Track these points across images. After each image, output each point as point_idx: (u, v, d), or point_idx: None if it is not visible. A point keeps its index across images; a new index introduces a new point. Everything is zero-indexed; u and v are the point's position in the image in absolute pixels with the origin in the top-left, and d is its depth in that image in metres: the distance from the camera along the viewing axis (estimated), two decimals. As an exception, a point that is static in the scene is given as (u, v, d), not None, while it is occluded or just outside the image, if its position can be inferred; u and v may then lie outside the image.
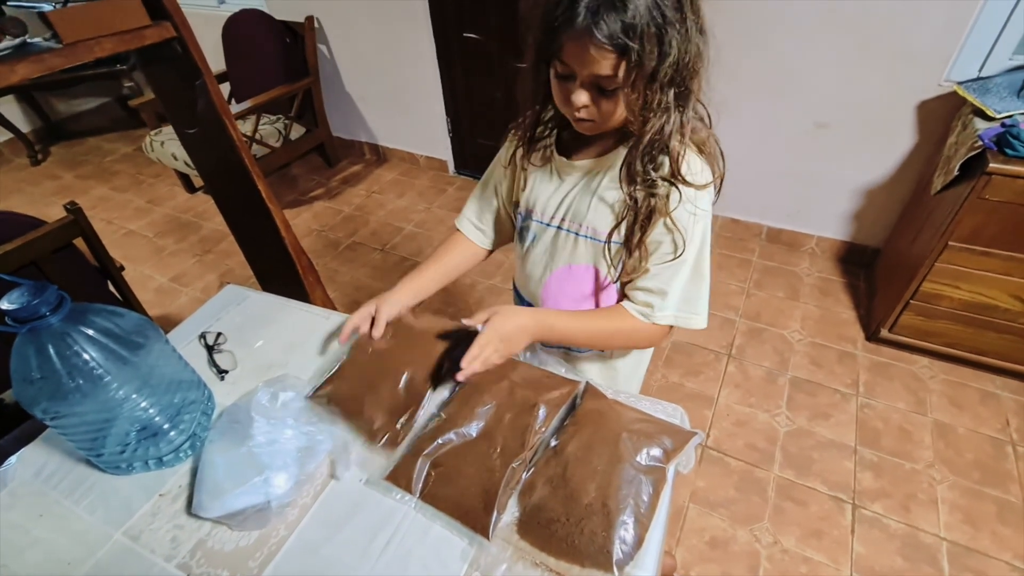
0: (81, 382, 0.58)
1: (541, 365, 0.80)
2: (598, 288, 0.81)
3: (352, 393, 0.74)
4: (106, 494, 0.68)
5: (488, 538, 0.59)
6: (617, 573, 0.55)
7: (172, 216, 2.73)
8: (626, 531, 0.58)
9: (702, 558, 1.30)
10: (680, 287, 0.73)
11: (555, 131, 0.77)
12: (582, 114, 0.64)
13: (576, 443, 0.66)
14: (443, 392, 0.77)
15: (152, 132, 2.55)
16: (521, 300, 0.94)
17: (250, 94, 2.46)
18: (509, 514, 0.62)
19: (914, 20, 1.59)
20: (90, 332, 0.59)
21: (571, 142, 0.76)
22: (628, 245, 0.72)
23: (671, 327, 0.75)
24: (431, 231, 2.52)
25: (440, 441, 0.67)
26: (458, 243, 0.94)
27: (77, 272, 1.34)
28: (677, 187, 0.67)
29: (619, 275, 0.77)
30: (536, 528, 0.60)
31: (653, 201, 0.67)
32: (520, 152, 0.79)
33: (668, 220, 0.68)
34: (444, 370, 0.77)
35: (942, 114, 1.69)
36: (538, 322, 0.73)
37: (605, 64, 0.57)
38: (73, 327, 0.58)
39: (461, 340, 0.80)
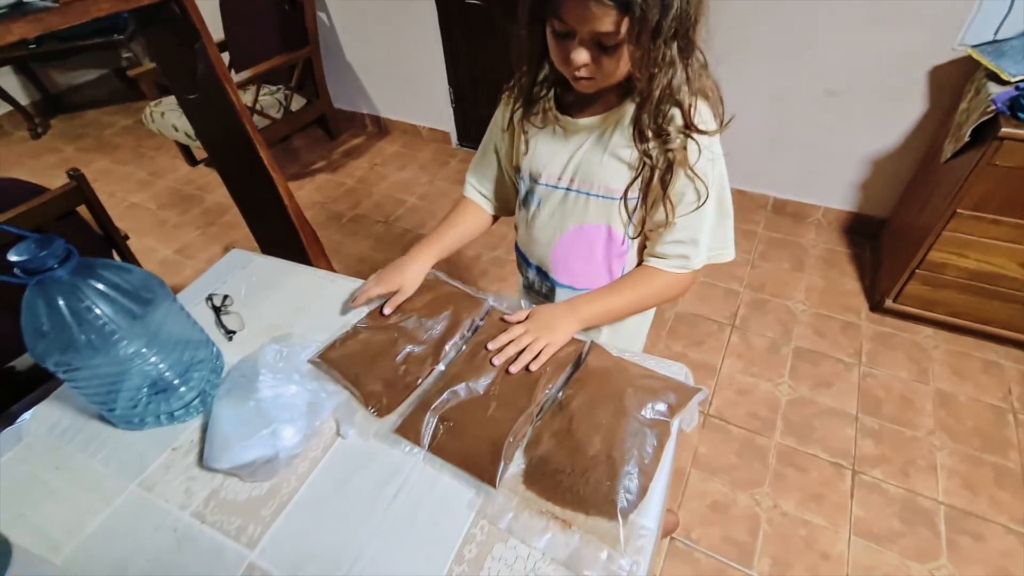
0: (92, 336, 0.59)
1: None
2: (611, 246, 0.80)
3: (352, 360, 0.74)
4: (120, 448, 0.69)
5: (495, 487, 0.60)
6: (621, 520, 0.56)
7: (174, 188, 2.72)
8: (630, 481, 0.59)
9: (703, 521, 1.32)
10: (709, 230, 0.75)
11: (552, 90, 0.75)
12: (582, 72, 0.63)
13: (581, 398, 0.67)
14: (445, 363, 0.76)
15: (152, 103, 2.52)
16: (528, 265, 0.94)
17: (249, 64, 2.42)
18: (515, 466, 0.63)
19: (930, -19, 1.54)
20: (99, 286, 0.59)
21: (573, 101, 0.74)
22: (646, 201, 0.72)
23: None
24: (434, 204, 2.51)
25: (447, 396, 0.68)
26: (469, 209, 0.94)
27: (82, 240, 1.34)
28: (693, 138, 0.66)
29: (639, 232, 0.77)
30: (542, 478, 0.61)
31: (671, 155, 0.67)
32: (519, 114, 0.78)
33: (689, 170, 0.68)
34: (451, 345, 0.77)
35: (955, 79, 1.65)
36: (573, 306, 0.77)
37: (606, 21, 0.56)
38: (82, 280, 0.58)
39: (471, 312, 0.81)
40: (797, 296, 1.92)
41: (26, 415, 0.74)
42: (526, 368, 0.71)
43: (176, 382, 0.69)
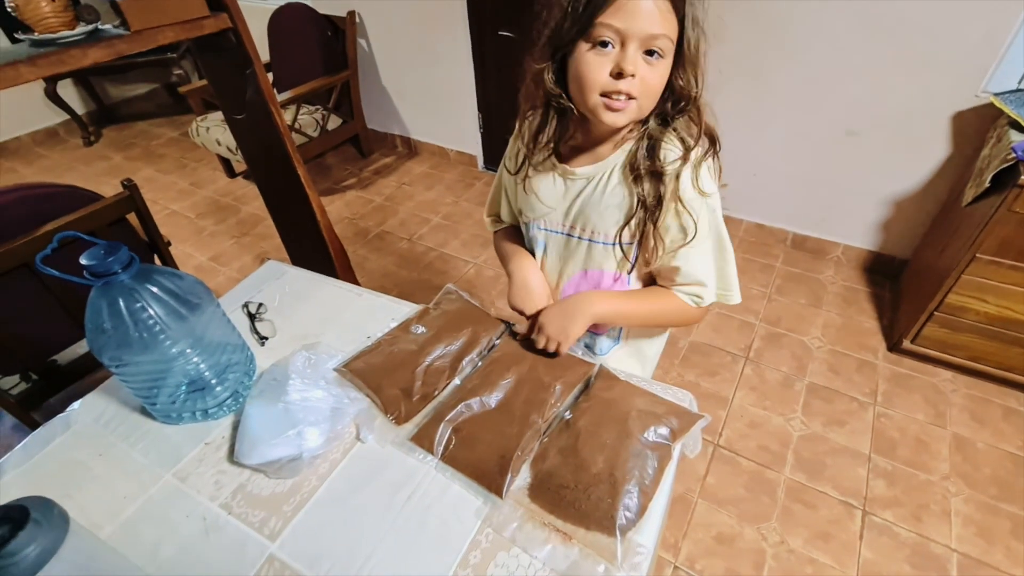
0: (145, 335, 0.65)
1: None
2: (614, 287, 0.83)
3: (375, 370, 0.79)
4: (158, 440, 0.75)
5: (502, 497, 0.63)
6: (620, 537, 0.59)
7: (213, 199, 2.86)
8: (631, 499, 0.62)
9: (708, 552, 1.32)
10: (715, 269, 0.77)
11: (551, 142, 0.75)
12: (626, 86, 0.59)
13: (588, 418, 0.70)
14: (460, 377, 0.80)
15: (199, 118, 2.67)
16: None
17: (291, 84, 2.56)
18: (522, 479, 0.66)
19: (953, 29, 1.58)
20: (155, 290, 0.65)
21: (569, 150, 0.76)
22: (644, 240, 0.73)
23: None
24: (457, 224, 2.58)
25: (461, 409, 0.72)
26: (507, 231, 0.95)
27: (130, 245, 1.43)
28: (684, 172, 0.68)
29: (633, 267, 0.79)
30: (546, 493, 0.64)
31: (662, 188, 0.68)
32: (526, 162, 0.79)
33: (683, 208, 0.69)
34: (467, 361, 0.81)
35: (977, 125, 1.67)
36: (589, 300, 0.78)
37: (663, 21, 0.55)
38: (140, 284, 0.64)
39: (489, 331, 0.85)
40: (813, 332, 1.92)
41: (75, 404, 0.80)
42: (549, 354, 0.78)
43: (213, 381, 0.74)
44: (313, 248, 1.70)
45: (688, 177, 0.68)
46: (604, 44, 0.58)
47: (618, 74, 0.59)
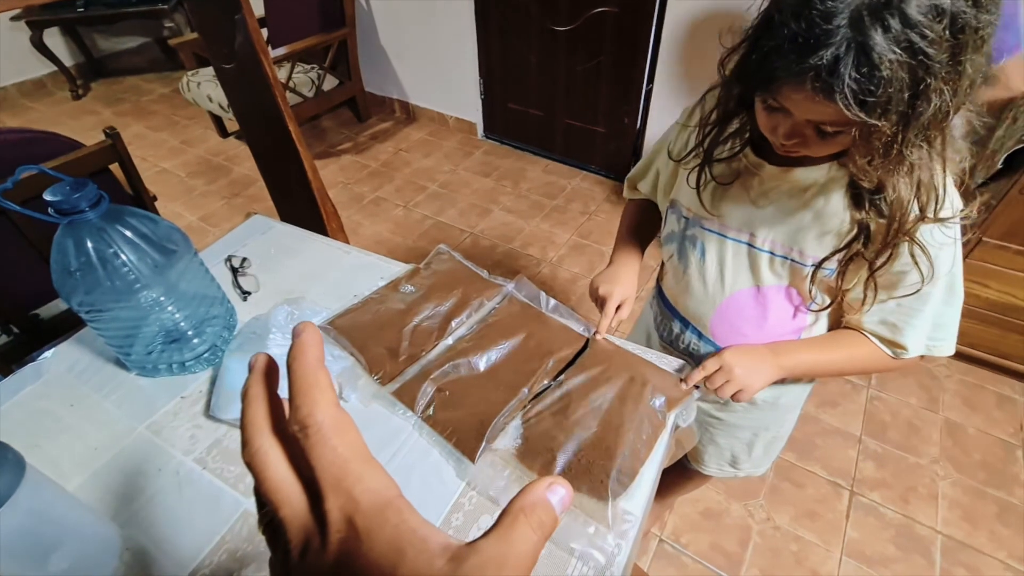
0: (116, 280, 0.61)
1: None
2: (795, 314, 0.71)
3: (361, 328, 0.76)
4: (132, 392, 0.72)
5: (474, 462, 0.61)
6: (611, 500, 0.57)
7: (204, 158, 2.78)
8: (624, 466, 0.60)
9: (694, 527, 1.32)
10: (931, 316, 0.63)
11: (742, 132, 0.64)
12: (789, 147, 0.55)
13: (582, 381, 0.68)
14: (449, 339, 0.77)
15: (190, 72, 2.58)
16: (673, 316, 0.83)
17: (286, 40, 2.47)
18: (511, 440, 0.64)
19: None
20: (126, 232, 0.62)
21: (762, 140, 0.62)
22: (844, 274, 0.61)
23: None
24: (455, 192, 2.53)
25: (448, 369, 0.69)
26: (641, 205, 0.88)
27: (113, 197, 1.38)
28: (924, 229, 0.55)
29: (826, 306, 0.68)
30: (535, 455, 0.62)
31: (891, 236, 0.56)
32: (693, 158, 0.68)
33: (912, 263, 0.57)
34: (457, 322, 0.78)
35: (995, 105, 1.62)
36: (775, 351, 0.68)
37: (833, 115, 0.47)
38: (110, 225, 0.61)
39: (481, 293, 0.82)
40: (811, 313, 1.90)
41: (47, 353, 0.77)
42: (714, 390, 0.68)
43: (190, 333, 0.71)
44: (305, 210, 1.65)
45: (926, 231, 0.56)
46: (775, 108, 0.53)
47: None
